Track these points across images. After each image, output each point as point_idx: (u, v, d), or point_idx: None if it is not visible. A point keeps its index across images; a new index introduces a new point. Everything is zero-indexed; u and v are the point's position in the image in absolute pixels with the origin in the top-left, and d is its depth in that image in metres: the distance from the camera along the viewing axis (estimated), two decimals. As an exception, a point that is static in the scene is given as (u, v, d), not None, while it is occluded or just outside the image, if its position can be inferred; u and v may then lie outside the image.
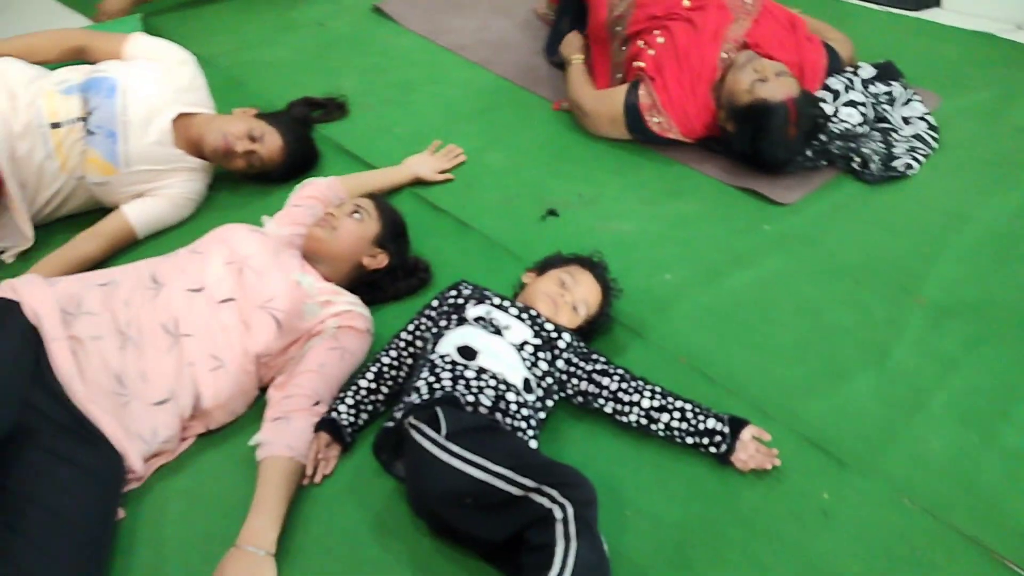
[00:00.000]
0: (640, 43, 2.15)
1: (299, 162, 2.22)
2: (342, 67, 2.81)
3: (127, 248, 2.03)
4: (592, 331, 1.60)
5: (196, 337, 1.49)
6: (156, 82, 2.14)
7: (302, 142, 2.23)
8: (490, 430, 1.23)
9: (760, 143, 1.92)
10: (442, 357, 1.34)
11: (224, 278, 1.56)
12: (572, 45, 2.47)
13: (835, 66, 2.17)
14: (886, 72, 2.20)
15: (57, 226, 2.05)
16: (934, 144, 2.03)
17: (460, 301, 1.48)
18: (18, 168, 1.94)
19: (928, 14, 2.61)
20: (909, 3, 2.65)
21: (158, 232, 2.07)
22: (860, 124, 2.04)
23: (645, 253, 1.87)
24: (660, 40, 2.11)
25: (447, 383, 1.29)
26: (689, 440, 1.39)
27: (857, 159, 1.98)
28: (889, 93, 2.15)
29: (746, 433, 1.37)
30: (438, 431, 1.20)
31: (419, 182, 2.14)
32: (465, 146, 2.32)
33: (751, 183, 2.00)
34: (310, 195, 1.90)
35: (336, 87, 2.67)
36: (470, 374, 1.31)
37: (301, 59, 2.90)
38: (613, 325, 1.68)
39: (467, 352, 1.35)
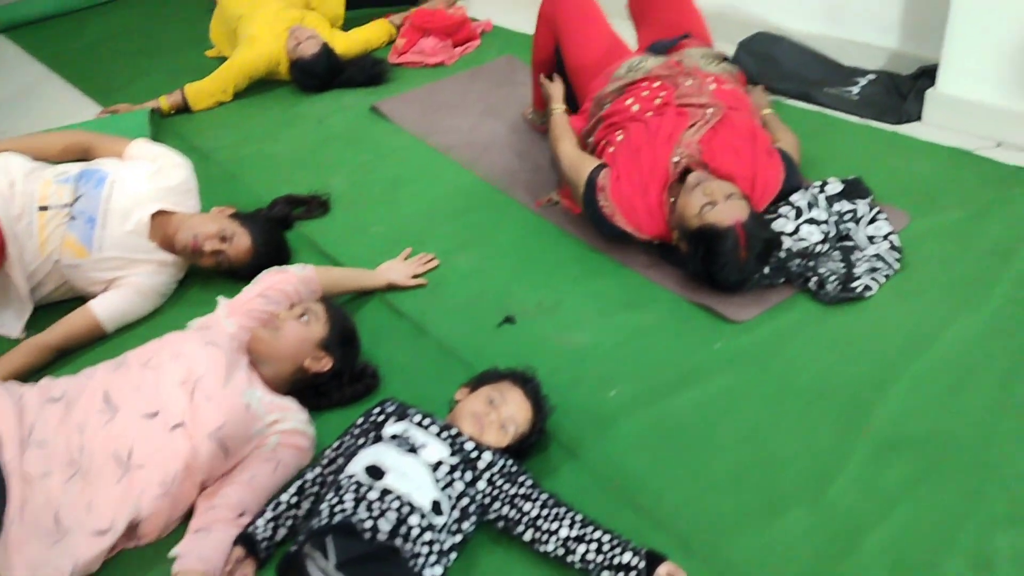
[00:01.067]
0: (604, 139, 2.21)
1: (267, 263, 2.26)
2: (334, 163, 2.90)
3: (95, 342, 2.09)
4: (524, 450, 1.58)
5: (147, 468, 1.51)
6: (146, 179, 2.24)
7: (271, 244, 2.28)
8: (380, 560, 1.21)
9: (711, 266, 1.92)
10: (349, 477, 1.34)
11: (177, 400, 1.57)
12: (556, 93, 2.51)
13: (792, 182, 2.16)
14: (853, 189, 2.20)
15: (30, 320, 2.12)
16: (896, 265, 2.00)
17: (381, 419, 1.48)
18: (11, 244, 2.04)
19: (908, 128, 2.61)
20: (890, 117, 2.66)
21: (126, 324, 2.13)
22: (820, 243, 2.03)
23: (595, 367, 1.86)
24: (619, 138, 2.16)
25: (349, 505, 1.28)
26: (604, 574, 1.35)
27: (814, 278, 1.96)
28: (854, 211, 2.14)
29: (662, 569, 1.33)
30: (328, 560, 1.18)
31: (392, 288, 2.16)
32: (438, 247, 2.36)
33: (706, 299, 1.99)
34: (279, 289, 1.91)
35: (325, 183, 2.75)
36: (373, 495, 1.30)
37: (297, 154, 3.00)
38: (550, 443, 1.66)
39: (375, 472, 1.34)
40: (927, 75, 2.67)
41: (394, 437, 1.41)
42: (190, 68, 3.65)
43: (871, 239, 2.10)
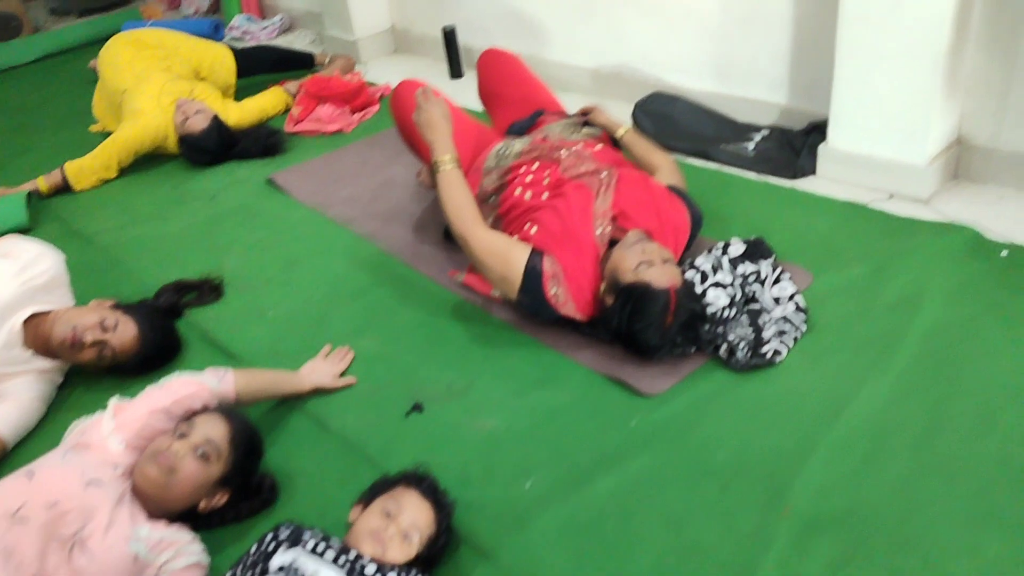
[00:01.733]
0: (516, 233, 2.13)
1: (155, 353, 2.11)
2: (228, 242, 2.77)
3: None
4: (434, 555, 1.48)
5: None
6: (11, 279, 2.07)
7: (159, 331, 2.13)
8: None
9: (635, 324, 1.88)
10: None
11: (56, 566, 1.40)
12: (441, 137, 2.14)
13: (696, 218, 2.19)
14: (756, 249, 2.20)
15: None
16: (803, 327, 2.00)
17: (271, 548, 1.35)
18: None
19: (804, 183, 2.66)
20: (785, 173, 2.71)
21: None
22: (727, 307, 2.01)
23: (509, 454, 1.78)
24: (534, 231, 2.09)
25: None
26: None
27: (724, 345, 1.94)
28: (757, 272, 2.14)
29: None
30: None
31: (318, 391, 2.00)
32: (340, 329, 2.25)
33: (619, 372, 1.94)
34: (188, 407, 1.70)
35: (218, 265, 2.61)
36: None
37: (188, 234, 2.85)
38: (461, 545, 1.56)
39: (263, 611, 1.21)
40: (818, 130, 2.73)
41: (281, 570, 1.28)
42: (72, 145, 3.47)
43: (776, 300, 2.10)
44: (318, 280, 2.49)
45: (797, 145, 2.80)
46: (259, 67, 3.82)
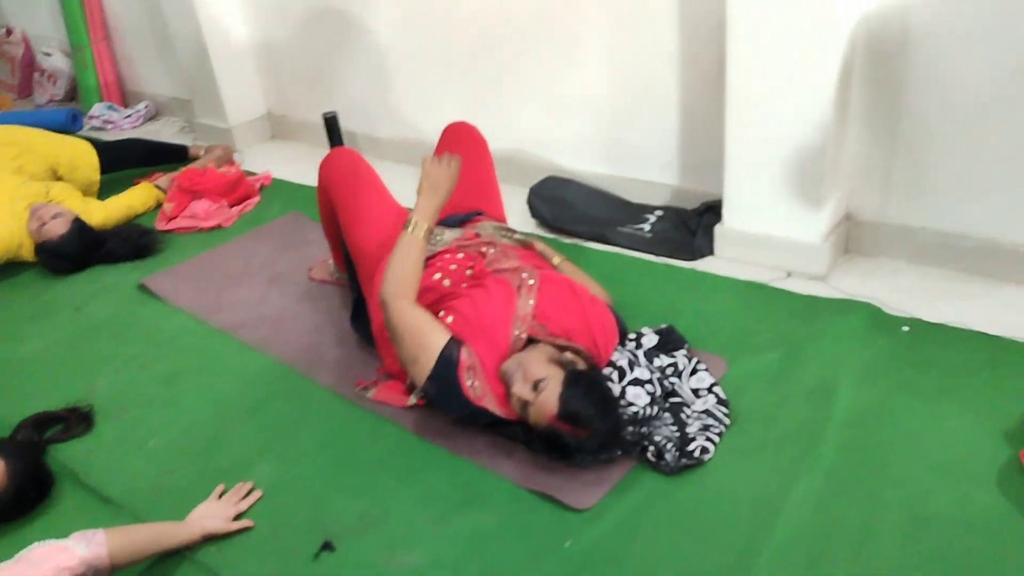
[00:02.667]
0: (433, 312, 2.00)
1: (17, 502, 1.85)
2: (98, 361, 2.50)
3: None
4: None
5: None
6: None
7: (25, 471, 1.88)
8: None
9: (552, 447, 1.83)
10: None
11: None
12: (440, 197, 2.08)
13: (622, 326, 2.13)
14: (669, 339, 2.16)
15: None
16: (726, 420, 1.95)
17: None
18: None
19: (704, 264, 2.67)
20: (684, 254, 2.72)
21: None
22: (648, 404, 1.95)
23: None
24: (450, 319, 1.96)
25: None
26: None
27: (651, 448, 1.86)
28: (674, 364, 2.09)
29: None
30: None
31: (210, 539, 1.77)
32: (234, 455, 2.04)
33: (546, 486, 1.82)
34: None
35: (87, 389, 2.35)
36: None
37: (49, 355, 2.57)
38: None
39: None
40: (712, 210, 2.77)
41: None
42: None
43: (696, 392, 2.05)
44: (205, 399, 2.27)
45: (692, 225, 2.81)
46: (125, 161, 3.57)
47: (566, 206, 3.01)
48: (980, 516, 1.64)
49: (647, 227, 2.90)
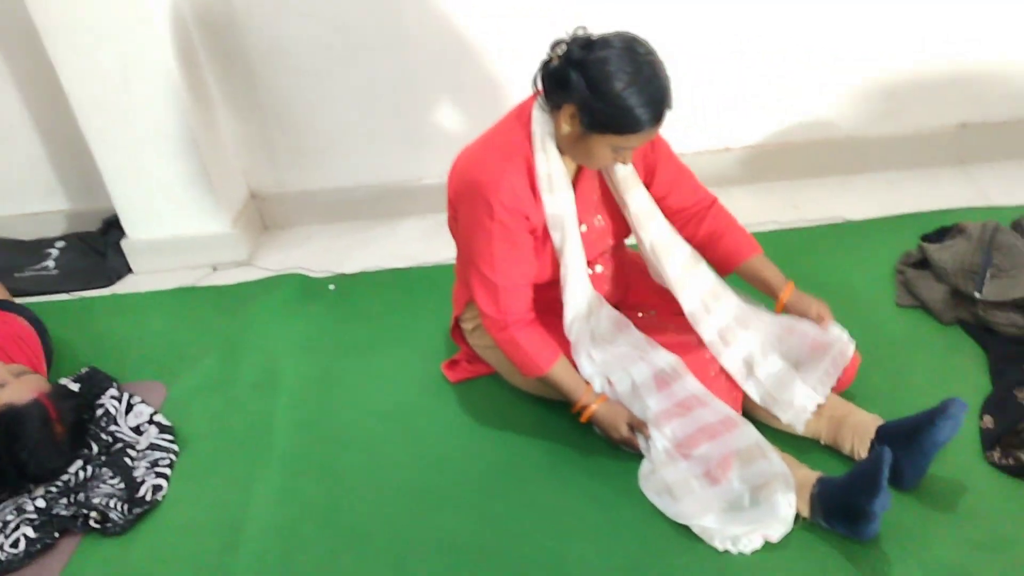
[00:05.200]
0: None
1: None
2: None
3: None
4: None
5: None
6: None
7: None
8: None
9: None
10: None
11: None
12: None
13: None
14: (92, 383, 1.91)
15: None
16: (174, 448, 1.80)
17: None
18: None
19: (125, 285, 2.42)
20: (100, 281, 2.42)
21: None
22: (82, 468, 1.70)
23: None
24: None
25: None
26: None
27: (92, 514, 1.63)
28: (105, 409, 1.86)
29: None
30: None
31: None
32: None
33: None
34: None
35: None
36: None
37: None
38: None
39: None
40: (115, 226, 2.51)
41: None
42: None
43: (138, 429, 1.85)
44: None
45: (101, 248, 2.53)
46: None
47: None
48: (426, 445, 1.75)
49: (51, 263, 2.54)
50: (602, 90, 1.36)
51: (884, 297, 1.99)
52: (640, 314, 1.78)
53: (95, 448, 1.79)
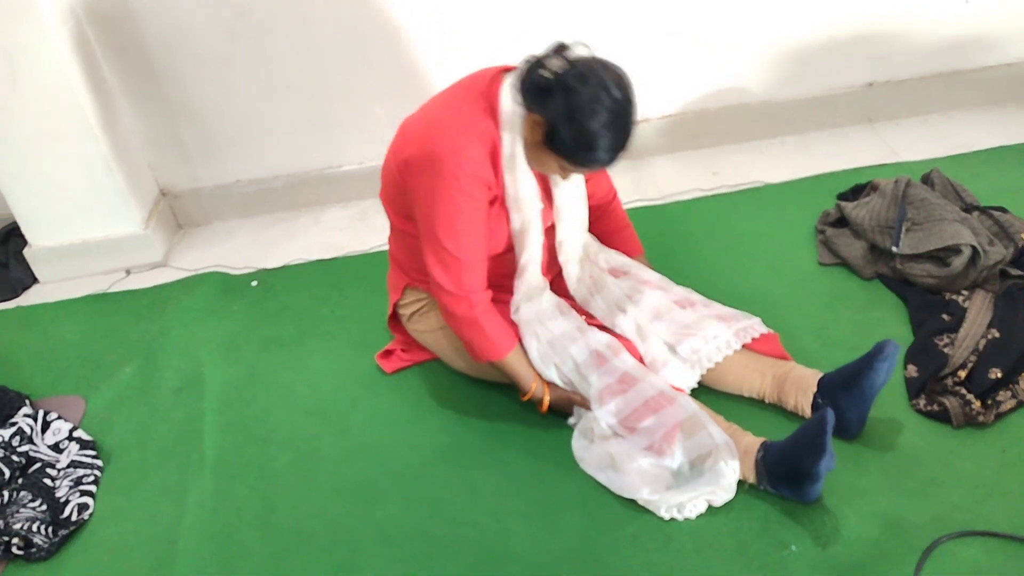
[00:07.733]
0: None
1: None
2: None
3: None
4: None
5: None
6: None
7: None
8: None
9: None
10: None
11: None
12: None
13: None
14: (1, 401, 1.81)
15: None
16: (98, 463, 1.71)
17: None
18: None
19: (32, 296, 2.29)
20: (5, 293, 2.29)
21: None
22: (-2, 493, 1.61)
23: None
24: None
25: None
26: None
27: (16, 541, 1.54)
28: (17, 427, 1.76)
29: None
30: None
31: None
32: None
33: None
34: None
35: None
36: None
37: None
38: None
39: None
40: (15, 234, 2.37)
41: None
42: None
43: (57, 447, 1.76)
44: None
45: (2, 258, 2.39)
46: None
47: None
48: (362, 438, 1.72)
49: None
50: (577, 120, 1.36)
51: (806, 257, 2.03)
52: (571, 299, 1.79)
53: (6, 472, 1.69)
